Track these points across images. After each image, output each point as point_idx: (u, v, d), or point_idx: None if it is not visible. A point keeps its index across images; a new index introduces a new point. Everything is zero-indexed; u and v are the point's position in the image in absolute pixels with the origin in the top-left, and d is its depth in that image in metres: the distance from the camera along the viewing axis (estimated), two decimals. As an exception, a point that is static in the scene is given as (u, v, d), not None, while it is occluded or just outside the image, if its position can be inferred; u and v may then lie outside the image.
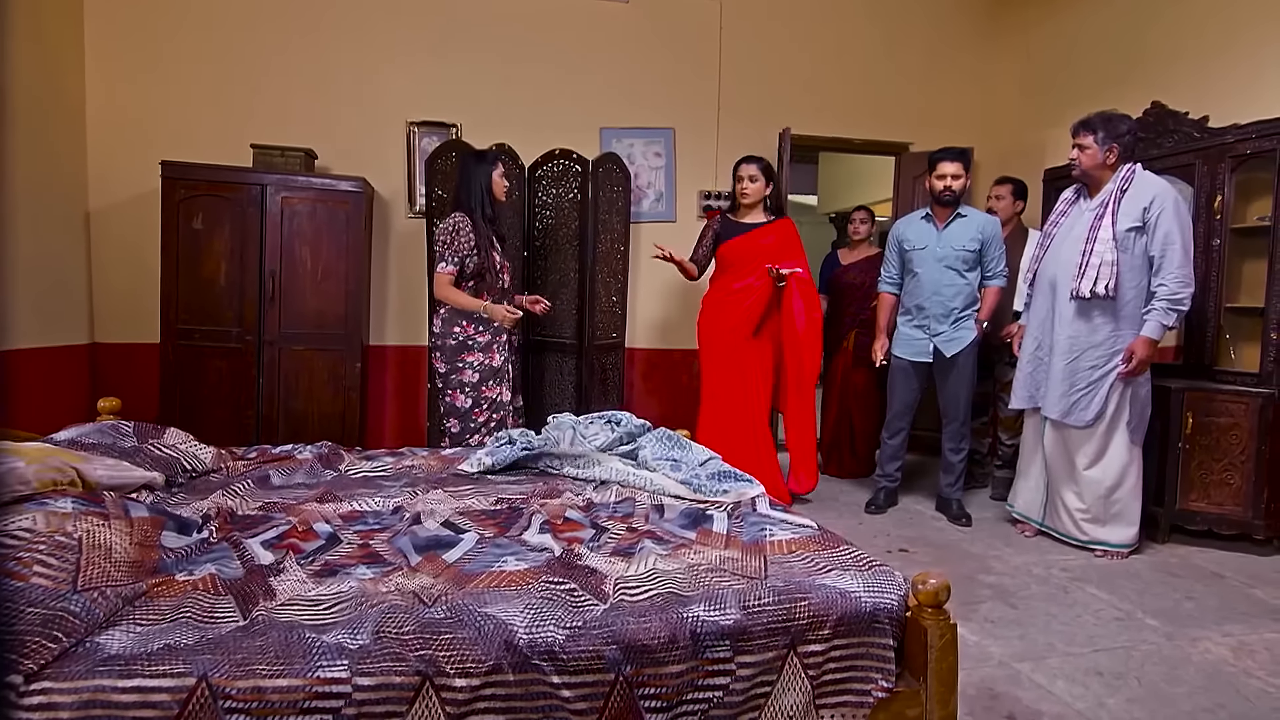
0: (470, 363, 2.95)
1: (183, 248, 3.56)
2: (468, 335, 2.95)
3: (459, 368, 2.95)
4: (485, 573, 1.44)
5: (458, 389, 2.97)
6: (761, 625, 1.26)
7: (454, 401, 2.98)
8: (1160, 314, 2.84)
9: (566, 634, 1.19)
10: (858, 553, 1.51)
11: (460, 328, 2.95)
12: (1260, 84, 3.27)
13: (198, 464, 2.11)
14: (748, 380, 3.51)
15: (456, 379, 2.96)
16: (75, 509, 1.36)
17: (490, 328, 2.98)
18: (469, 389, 2.96)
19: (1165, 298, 2.82)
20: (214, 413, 3.64)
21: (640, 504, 1.90)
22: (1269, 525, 3.00)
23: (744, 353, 3.49)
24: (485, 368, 2.98)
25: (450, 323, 2.96)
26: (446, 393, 2.99)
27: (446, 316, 2.98)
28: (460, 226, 2.90)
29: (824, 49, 4.66)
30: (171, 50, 3.86)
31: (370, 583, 1.39)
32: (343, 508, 1.84)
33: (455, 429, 3.01)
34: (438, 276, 2.90)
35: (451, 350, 2.95)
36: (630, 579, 1.38)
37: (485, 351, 2.97)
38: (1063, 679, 2.05)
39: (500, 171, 3.03)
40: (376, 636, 1.16)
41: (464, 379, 2.96)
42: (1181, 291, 2.81)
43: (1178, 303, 2.82)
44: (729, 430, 3.47)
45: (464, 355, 2.95)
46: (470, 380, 2.96)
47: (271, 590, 1.35)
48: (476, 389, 2.97)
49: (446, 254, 2.88)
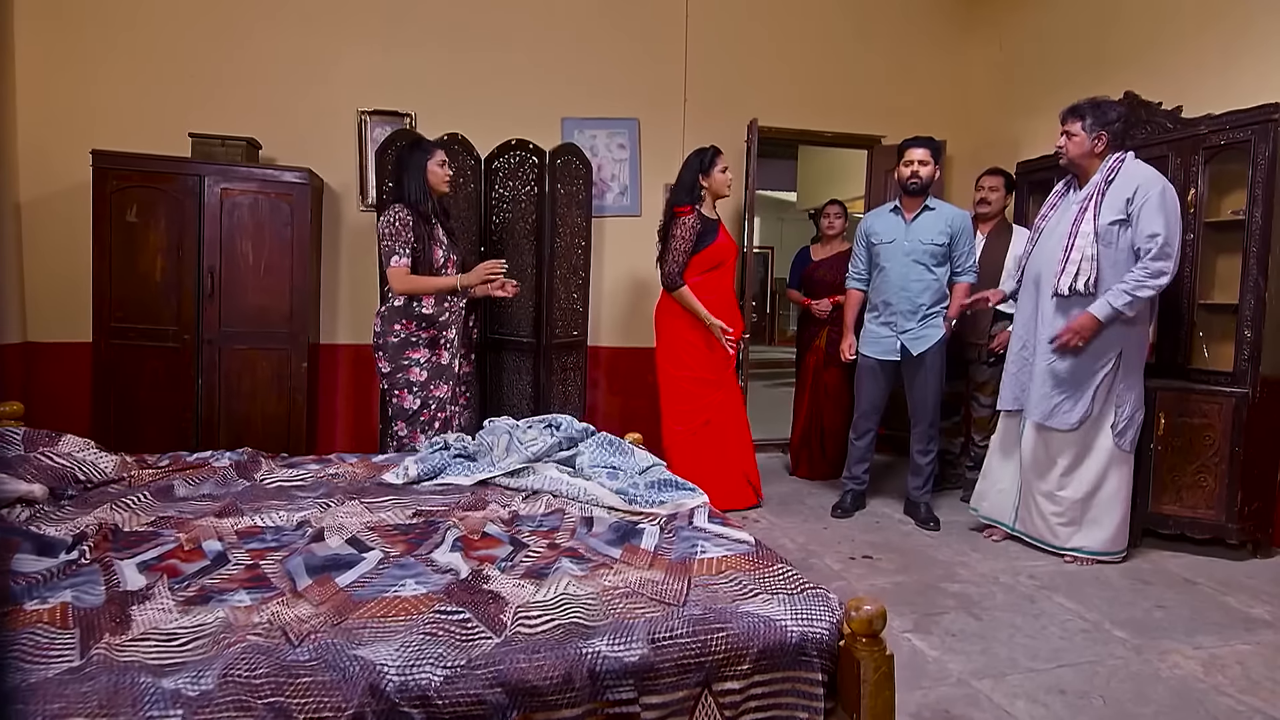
0: (416, 360, 2.81)
1: (116, 241, 3.38)
2: (410, 333, 2.80)
3: (404, 365, 2.80)
4: (376, 599, 1.30)
5: (405, 389, 2.81)
6: (671, 661, 1.12)
7: (401, 403, 2.83)
8: (1115, 295, 2.69)
9: (445, 676, 1.04)
10: (791, 573, 1.37)
11: (401, 325, 2.80)
12: (1234, 73, 3.17)
13: (95, 474, 1.95)
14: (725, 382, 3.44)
15: (403, 378, 2.81)
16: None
17: (436, 323, 2.83)
18: (416, 389, 2.81)
19: (1128, 281, 2.68)
20: (151, 415, 3.46)
21: (569, 517, 1.76)
22: (1243, 529, 2.90)
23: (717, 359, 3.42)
24: (433, 365, 2.83)
25: (390, 320, 2.81)
26: (393, 394, 2.84)
27: (385, 314, 2.82)
28: (401, 218, 2.74)
29: (793, 39, 4.52)
30: (107, 34, 3.66)
31: (243, 612, 1.24)
32: (242, 523, 1.69)
33: (403, 432, 2.86)
34: (393, 271, 2.74)
35: (394, 349, 2.80)
36: (534, 606, 1.23)
37: (432, 348, 2.84)
38: (1024, 698, 1.93)
39: (438, 160, 2.86)
40: (223, 681, 1.01)
41: (411, 378, 2.81)
42: (1148, 282, 2.66)
43: (1138, 289, 2.67)
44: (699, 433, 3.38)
45: (408, 353, 2.80)
46: (418, 379, 2.81)
47: (127, 622, 1.20)
48: (425, 388, 2.82)
49: (396, 246, 2.73)
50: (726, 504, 3.39)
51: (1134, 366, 2.83)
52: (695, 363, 3.38)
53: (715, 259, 3.31)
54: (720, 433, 3.43)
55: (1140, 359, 2.86)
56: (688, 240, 3.24)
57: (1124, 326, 2.77)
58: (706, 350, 3.38)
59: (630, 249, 4.21)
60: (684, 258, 3.26)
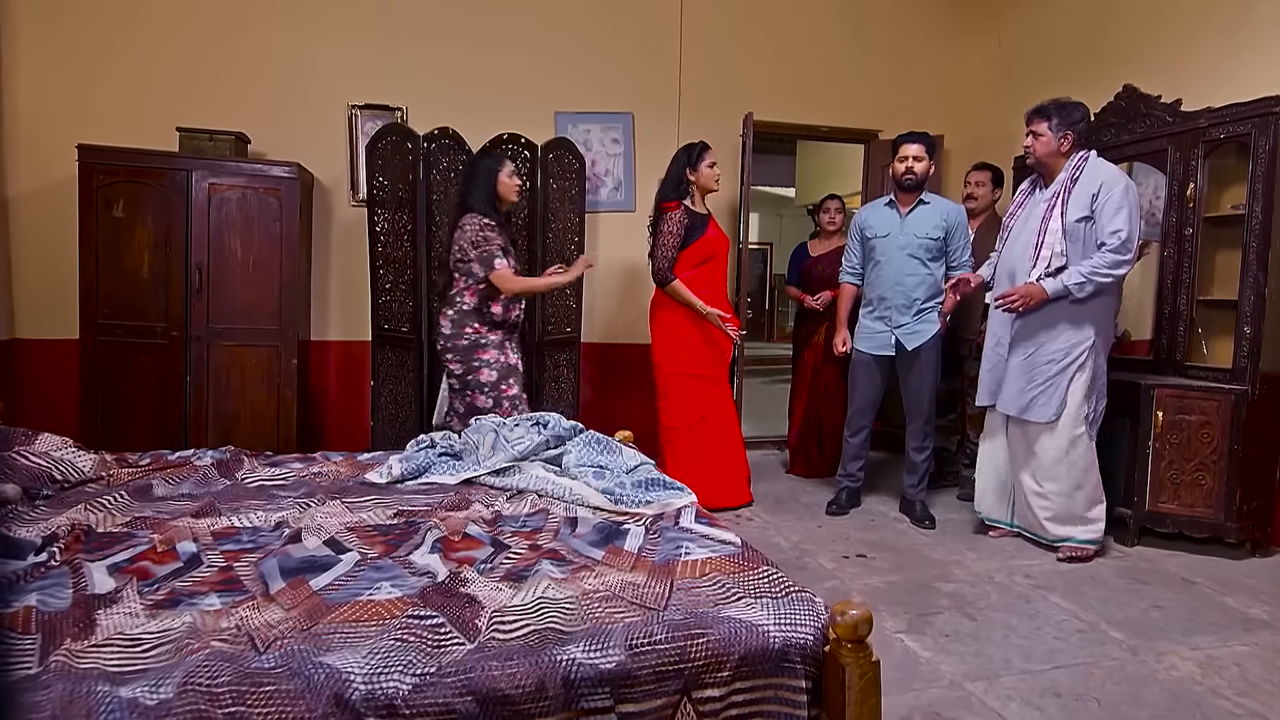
0: (486, 361, 2.88)
1: (102, 237, 3.34)
2: (480, 335, 2.88)
3: (475, 367, 2.87)
4: (350, 603, 1.27)
5: (477, 390, 2.88)
6: (649, 668, 1.09)
7: (474, 402, 2.89)
8: (1070, 274, 2.73)
9: (414, 684, 1.01)
10: (776, 576, 1.34)
11: (473, 328, 2.87)
12: (1234, 65, 3.13)
13: (73, 473, 1.91)
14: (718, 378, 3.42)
15: (475, 379, 2.88)
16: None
17: (504, 324, 2.93)
18: (488, 389, 2.88)
19: (1085, 266, 2.71)
20: (139, 413, 3.43)
21: (553, 517, 1.73)
22: (1241, 528, 2.87)
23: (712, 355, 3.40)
24: (502, 366, 2.90)
25: (461, 323, 2.87)
26: (465, 394, 2.91)
27: (455, 317, 2.88)
28: (485, 224, 2.83)
29: (789, 32, 4.48)
30: (95, 28, 3.61)
31: (211, 616, 1.21)
32: (219, 523, 1.66)
33: None
34: (500, 274, 2.82)
35: (465, 351, 2.87)
36: (510, 610, 1.20)
37: (500, 349, 2.91)
38: (1017, 701, 1.89)
39: (508, 171, 2.94)
40: (182, 690, 0.98)
41: (482, 379, 2.87)
42: (1104, 270, 2.68)
43: (1093, 274, 2.69)
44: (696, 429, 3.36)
45: (479, 354, 2.88)
46: (489, 380, 2.88)
47: (91, 626, 1.17)
48: (496, 388, 2.89)
49: (494, 250, 2.81)
50: (723, 501, 3.36)
51: (1103, 358, 2.86)
52: (690, 359, 3.36)
53: (705, 253, 3.28)
54: (716, 429, 3.40)
55: (1107, 350, 2.88)
56: (675, 235, 3.22)
57: (1095, 318, 2.78)
58: (703, 346, 3.36)
59: (624, 245, 4.17)
60: (672, 253, 3.23)
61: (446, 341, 2.89)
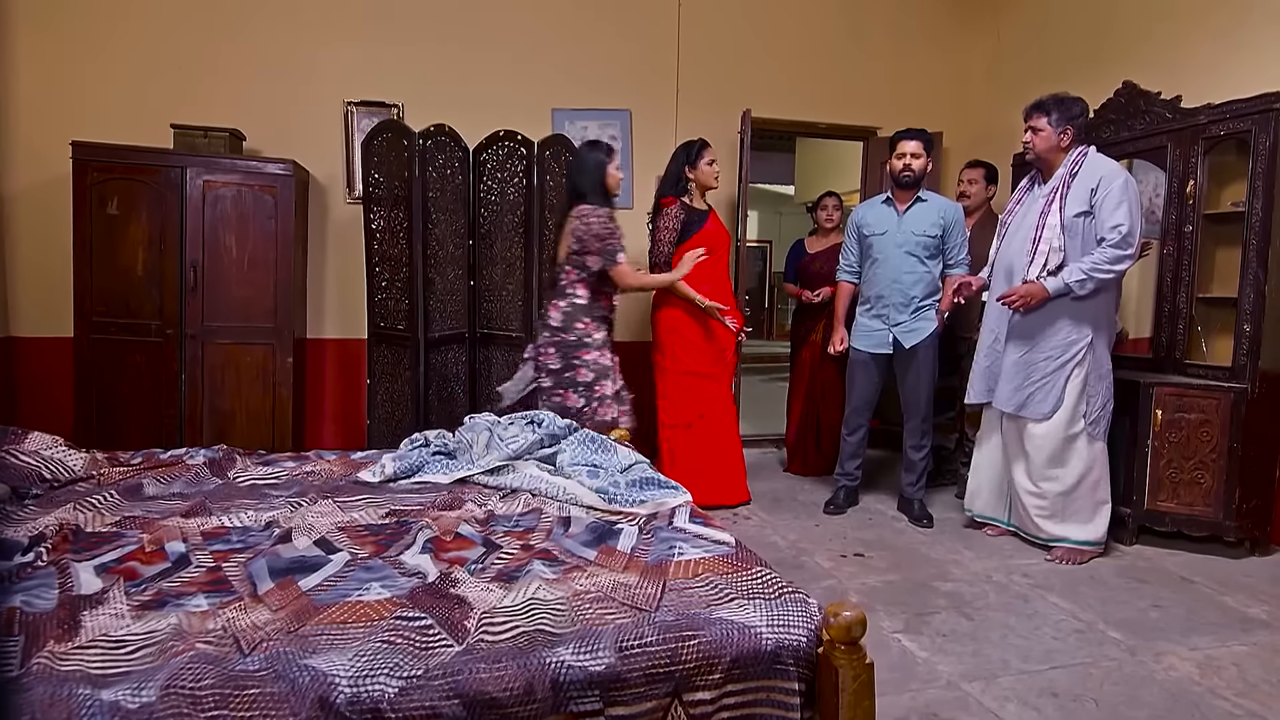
0: (585, 360, 2.82)
1: (96, 234, 3.32)
2: (586, 332, 2.82)
3: (575, 365, 2.81)
4: (339, 604, 1.25)
5: (570, 388, 2.82)
6: (639, 670, 1.08)
7: (565, 401, 2.81)
8: (1070, 271, 2.71)
9: (400, 687, 1.00)
10: (770, 576, 1.32)
11: (582, 324, 2.82)
12: (1234, 62, 3.11)
13: (63, 472, 1.90)
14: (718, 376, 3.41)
15: (571, 377, 2.82)
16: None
17: (608, 323, 2.91)
18: (582, 388, 2.82)
19: (1086, 262, 2.68)
20: (134, 411, 3.41)
21: (546, 517, 1.71)
22: (1241, 527, 2.85)
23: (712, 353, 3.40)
24: (600, 367, 2.85)
25: (573, 318, 2.81)
26: (556, 391, 2.83)
27: (569, 310, 2.82)
28: (609, 215, 2.82)
29: (788, 28, 4.46)
30: (89, 23, 3.59)
31: (198, 617, 1.20)
32: (209, 523, 1.64)
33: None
34: (620, 270, 2.82)
35: (569, 346, 2.81)
36: (500, 611, 1.19)
37: (600, 350, 2.86)
38: (1014, 701, 1.88)
39: (615, 163, 2.90)
40: (165, 693, 0.96)
41: (578, 378, 2.82)
42: (1105, 267, 2.66)
43: (1094, 270, 2.67)
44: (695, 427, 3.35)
45: (580, 353, 2.82)
46: (584, 379, 2.82)
47: (76, 628, 1.15)
48: (590, 388, 2.82)
49: (617, 244, 2.80)
50: (721, 499, 3.36)
51: (1103, 354, 2.83)
52: (690, 357, 3.36)
53: (704, 247, 3.27)
54: (714, 427, 3.39)
55: (1109, 346, 2.85)
56: (672, 230, 3.23)
57: (1092, 314, 2.76)
58: (704, 344, 3.35)
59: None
60: (669, 248, 3.23)
61: (553, 335, 2.82)
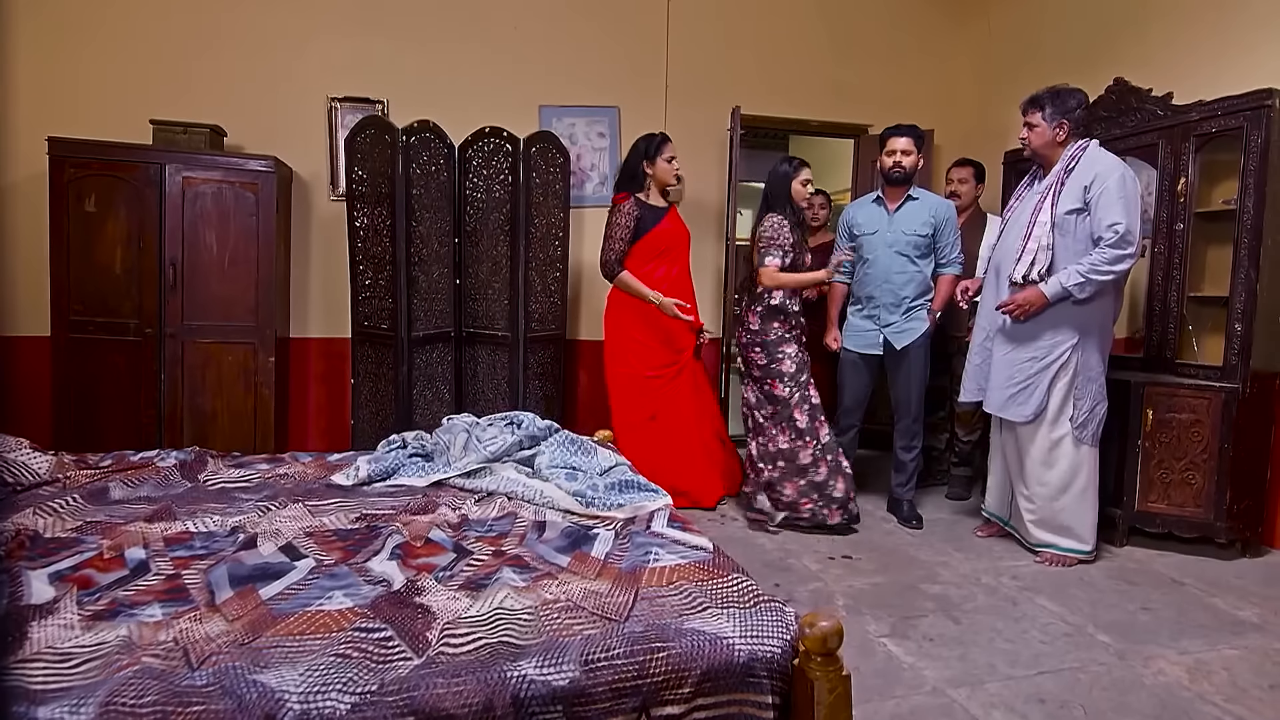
0: (788, 354, 3.10)
1: (74, 232, 3.27)
2: (785, 329, 3.12)
3: (779, 358, 3.10)
4: (297, 614, 1.21)
5: (777, 379, 3.10)
6: (605, 685, 1.03)
7: (774, 390, 3.11)
8: (1068, 274, 2.62)
9: (352, 704, 0.95)
10: (746, 584, 1.28)
11: (778, 323, 3.11)
12: (1226, 58, 3.08)
13: (26, 475, 1.85)
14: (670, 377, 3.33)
15: (777, 369, 3.10)
16: None
17: (799, 320, 3.17)
18: (788, 379, 3.08)
19: (1084, 264, 2.59)
20: (112, 412, 3.36)
21: (521, 521, 1.67)
22: (1231, 528, 2.82)
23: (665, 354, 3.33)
24: (799, 360, 3.11)
25: (769, 319, 3.11)
26: (766, 382, 3.12)
27: (764, 313, 3.11)
28: (781, 224, 3.08)
29: (778, 25, 4.41)
30: (65, 16, 3.53)
31: (150, 629, 1.15)
32: (173, 528, 1.60)
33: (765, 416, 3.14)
34: (765, 269, 3.06)
35: (772, 344, 3.11)
36: (463, 622, 1.14)
37: (797, 344, 3.14)
38: (1001, 708, 1.84)
39: (802, 179, 3.14)
40: (104, 710, 0.92)
41: (783, 369, 3.09)
42: (1103, 268, 2.57)
43: (1092, 272, 2.58)
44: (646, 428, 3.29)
45: (782, 348, 3.10)
46: (788, 371, 3.08)
47: (22, 640, 1.11)
48: (795, 379, 3.08)
49: (770, 248, 3.06)
50: (688, 501, 3.28)
51: (1093, 358, 2.73)
52: (639, 360, 3.30)
53: (659, 246, 3.23)
54: (669, 428, 3.31)
55: (1101, 350, 2.75)
56: (624, 227, 3.20)
57: (1080, 316, 2.68)
58: (656, 346, 3.29)
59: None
60: (621, 245, 3.20)
61: (754, 337, 3.14)
